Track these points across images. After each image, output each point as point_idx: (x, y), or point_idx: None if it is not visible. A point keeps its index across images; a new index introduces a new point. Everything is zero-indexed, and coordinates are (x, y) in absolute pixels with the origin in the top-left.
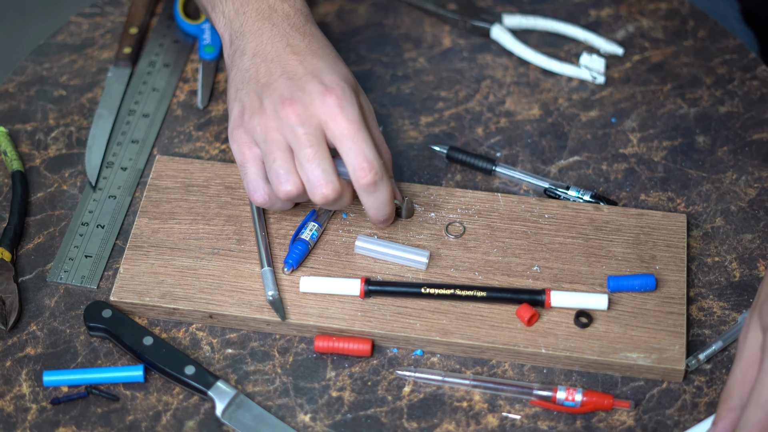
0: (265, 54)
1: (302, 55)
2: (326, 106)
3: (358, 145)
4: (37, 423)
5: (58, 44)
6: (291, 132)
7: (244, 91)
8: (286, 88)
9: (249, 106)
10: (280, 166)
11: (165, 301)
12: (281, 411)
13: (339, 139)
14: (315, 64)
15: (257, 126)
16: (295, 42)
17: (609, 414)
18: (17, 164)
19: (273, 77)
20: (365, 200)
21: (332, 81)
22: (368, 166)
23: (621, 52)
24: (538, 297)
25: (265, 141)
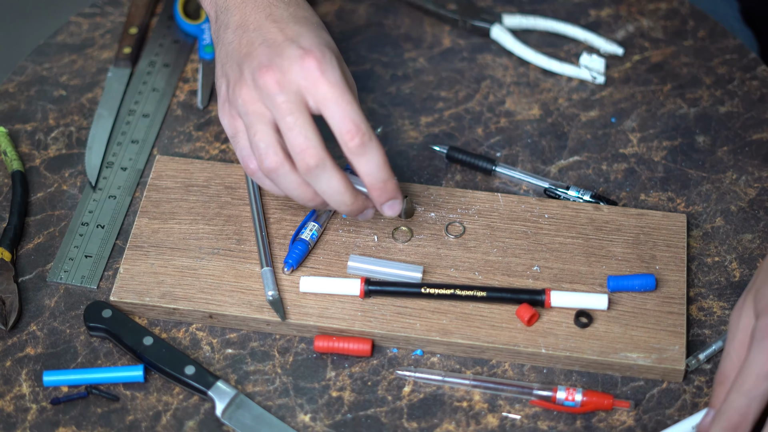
0: (247, 25)
1: (283, 23)
2: (305, 70)
3: (342, 108)
4: (37, 423)
5: (58, 44)
6: (270, 101)
7: (228, 65)
8: (265, 56)
9: (232, 79)
10: (261, 140)
11: (165, 301)
12: (281, 411)
13: (322, 104)
14: (296, 30)
15: (239, 98)
16: (277, 11)
17: (609, 414)
18: (17, 164)
19: (253, 47)
20: (358, 166)
21: (311, 44)
22: (355, 127)
23: (621, 52)
24: (538, 297)
25: (246, 113)
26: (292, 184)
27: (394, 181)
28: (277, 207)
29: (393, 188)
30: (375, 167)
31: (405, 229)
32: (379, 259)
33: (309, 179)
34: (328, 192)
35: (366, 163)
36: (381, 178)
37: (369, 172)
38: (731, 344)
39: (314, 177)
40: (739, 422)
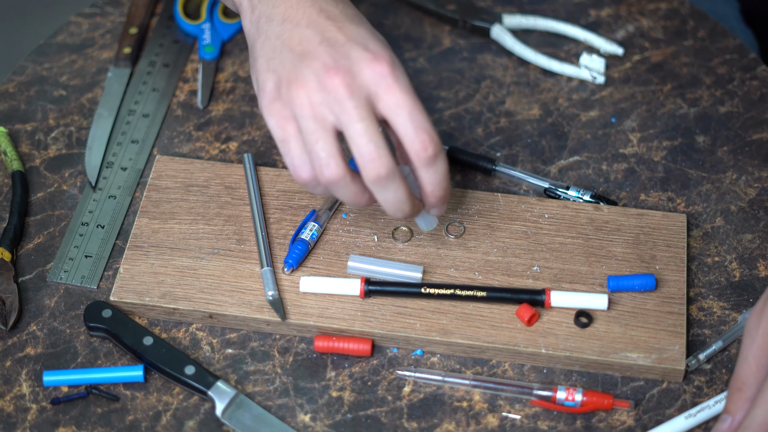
0: (296, 20)
1: (339, 21)
2: (377, 75)
3: (416, 118)
4: (37, 423)
5: (58, 44)
6: (339, 105)
7: (277, 61)
8: (329, 56)
9: (285, 77)
10: (322, 149)
11: (165, 301)
12: (281, 411)
13: (394, 111)
14: (356, 30)
15: (296, 99)
16: (328, 7)
17: (609, 414)
18: (17, 164)
19: (311, 44)
20: (425, 176)
21: (379, 48)
22: (428, 137)
23: (621, 52)
24: (538, 297)
25: (305, 116)
26: (351, 193)
27: (449, 189)
28: (277, 207)
29: (448, 194)
30: (441, 178)
31: (405, 229)
32: (379, 259)
33: (374, 188)
34: (392, 200)
35: (434, 173)
36: (444, 187)
37: (434, 182)
38: (750, 350)
39: (381, 187)
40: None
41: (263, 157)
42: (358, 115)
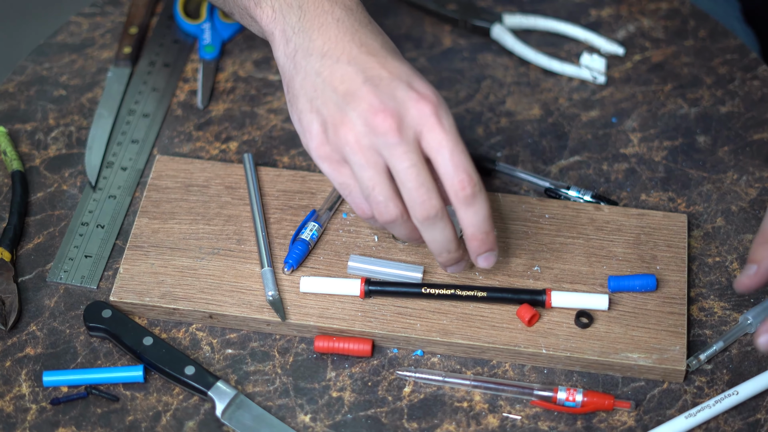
0: (337, 55)
1: (380, 56)
2: (423, 115)
3: (457, 157)
4: (36, 423)
5: (58, 44)
6: (388, 150)
7: (320, 101)
8: (375, 97)
9: (331, 120)
10: (380, 193)
11: (165, 301)
12: (281, 411)
13: (437, 150)
14: (399, 68)
15: (345, 144)
16: (368, 41)
17: (610, 414)
18: (17, 164)
19: (354, 84)
20: (465, 215)
21: (424, 87)
22: (468, 178)
23: (621, 52)
24: (539, 297)
25: (358, 163)
26: (405, 231)
27: (494, 234)
28: (277, 207)
29: (492, 241)
30: (481, 219)
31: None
32: (379, 259)
33: (423, 227)
34: (438, 240)
35: (474, 214)
36: (484, 230)
37: (474, 223)
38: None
39: (429, 226)
40: None
41: (263, 157)
42: (409, 159)
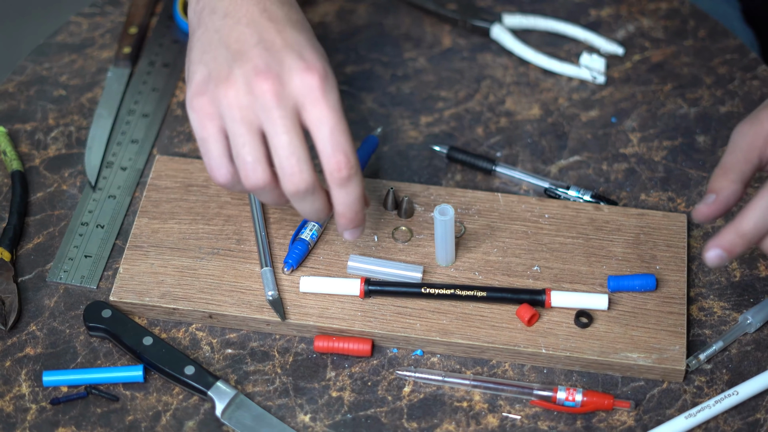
0: (238, 16)
1: (281, 24)
2: (306, 86)
3: (336, 136)
4: (36, 423)
5: (57, 44)
6: (265, 113)
7: (210, 55)
8: (262, 59)
9: (216, 74)
10: (249, 153)
11: (165, 301)
12: (281, 411)
13: (316, 126)
14: (295, 37)
15: (224, 98)
16: (272, 8)
17: (609, 414)
18: (17, 164)
19: (247, 45)
20: (336, 195)
21: (314, 59)
22: (345, 159)
23: (621, 52)
24: (539, 297)
25: (233, 119)
26: (272, 198)
27: (363, 212)
28: (277, 207)
29: (361, 218)
30: (353, 199)
31: (405, 229)
32: (379, 259)
33: (292, 199)
34: (308, 211)
35: (346, 195)
36: (355, 209)
37: (345, 202)
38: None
39: (299, 199)
40: None
41: None
42: (284, 126)
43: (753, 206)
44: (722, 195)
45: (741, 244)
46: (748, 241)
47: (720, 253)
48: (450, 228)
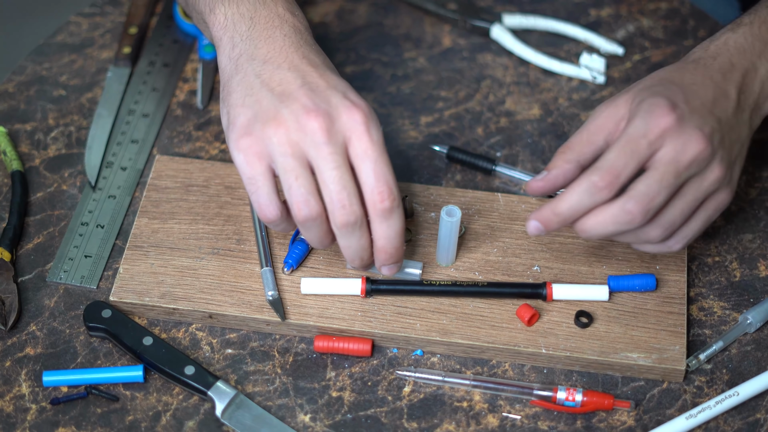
0: (278, 62)
1: (321, 69)
2: (353, 121)
3: (380, 168)
4: (36, 423)
5: (57, 44)
6: (315, 149)
7: (254, 98)
8: (309, 99)
9: (262, 114)
10: (302, 185)
11: (165, 301)
12: (281, 411)
13: (361, 158)
14: (335, 80)
15: (274, 136)
16: (310, 55)
17: (609, 414)
18: (17, 164)
19: (291, 87)
20: (378, 228)
21: (357, 98)
22: (387, 190)
23: (621, 52)
24: (540, 290)
25: (284, 155)
26: (320, 233)
27: (403, 249)
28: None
29: (400, 255)
30: (394, 233)
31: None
32: None
33: (339, 233)
34: (353, 247)
35: (387, 227)
36: (395, 245)
37: (387, 236)
38: (586, 127)
39: (346, 233)
40: (612, 182)
41: None
42: (334, 161)
43: (571, 190)
44: (552, 173)
45: (556, 222)
46: (562, 220)
47: (538, 225)
48: (455, 229)
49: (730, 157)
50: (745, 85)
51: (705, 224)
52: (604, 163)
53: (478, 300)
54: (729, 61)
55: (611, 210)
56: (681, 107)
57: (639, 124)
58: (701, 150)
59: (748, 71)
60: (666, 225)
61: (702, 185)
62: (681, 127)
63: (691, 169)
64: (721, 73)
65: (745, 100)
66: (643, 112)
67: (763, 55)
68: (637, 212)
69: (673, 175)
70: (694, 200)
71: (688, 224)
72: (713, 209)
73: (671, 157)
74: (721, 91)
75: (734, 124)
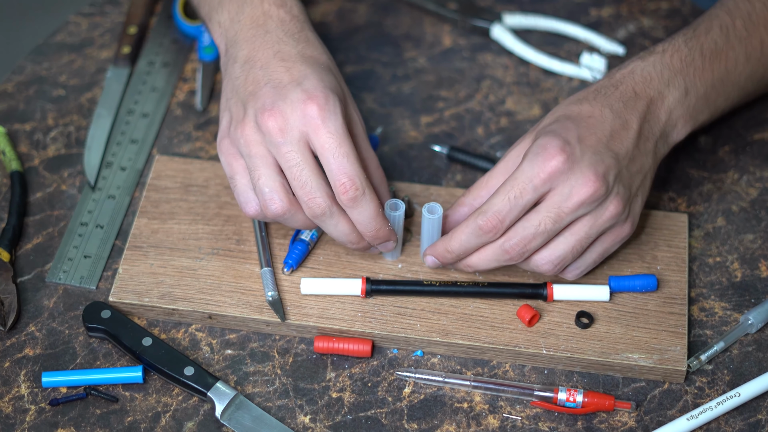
0: (254, 61)
1: (291, 61)
2: (306, 116)
3: (338, 161)
4: (35, 424)
5: (57, 44)
6: (275, 148)
7: (233, 101)
8: (269, 97)
9: (235, 116)
10: (265, 184)
11: (164, 301)
12: (281, 412)
13: (320, 153)
14: (302, 71)
15: (240, 138)
16: (285, 48)
17: (610, 415)
18: (16, 164)
19: (258, 86)
20: (352, 216)
21: (315, 87)
22: (348, 181)
23: (622, 52)
24: (541, 291)
25: (249, 155)
26: (300, 223)
27: (386, 228)
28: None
29: (385, 234)
30: (367, 218)
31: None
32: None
33: (317, 222)
34: (335, 233)
35: (358, 215)
36: (373, 228)
37: (361, 221)
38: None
39: (321, 222)
40: (496, 226)
41: None
42: (293, 159)
43: (460, 230)
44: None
45: (449, 257)
46: (455, 256)
47: (434, 260)
48: (437, 226)
49: (630, 190)
50: (650, 114)
51: (601, 257)
52: (489, 207)
53: (479, 300)
54: (632, 90)
55: (492, 249)
56: (573, 146)
57: (526, 168)
58: (592, 192)
59: (654, 100)
60: (555, 261)
61: (596, 222)
62: (570, 169)
63: (581, 210)
64: (622, 101)
65: (650, 129)
66: (532, 155)
67: (672, 83)
68: (514, 253)
69: (553, 220)
70: (586, 237)
71: (584, 257)
72: (610, 242)
73: (555, 201)
74: (620, 123)
75: (635, 155)
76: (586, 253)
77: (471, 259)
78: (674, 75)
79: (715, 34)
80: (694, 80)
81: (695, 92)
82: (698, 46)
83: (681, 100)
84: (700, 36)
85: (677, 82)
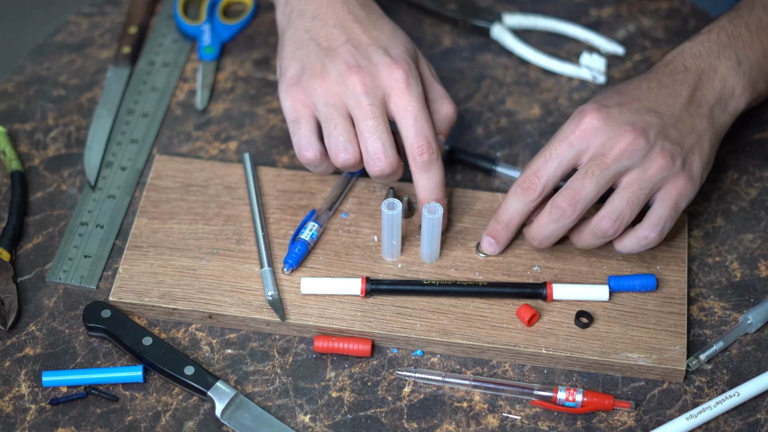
0: (326, 18)
1: (364, 24)
2: (393, 79)
3: (420, 124)
4: (36, 423)
5: (57, 44)
6: (355, 100)
7: (303, 51)
8: (351, 56)
9: (309, 68)
10: (341, 133)
11: (164, 301)
12: (281, 411)
13: (401, 115)
14: (378, 36)
15: (318, 88)
16: (355, 10)
17: (609, 414)
18: (16, 164)
19: (336, 42)
20: (419, 180)
21: (398, 55)
22: (426, 144)
23: (622, 52)
24: (540, 290)
25: (327, 105)
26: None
27: (444, 201)
28: (277, 207)
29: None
30: (434, 185)
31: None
32: None
33: (375, 180)
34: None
35: (428, 179)
36: (436, 196)
37: (427, 187)
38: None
39: (380, 181)
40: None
41: (263, 156)
42: (372, 112)
43: (505, 198)
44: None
45: (500, 229)
46: (504, 224)
47: (490, 241)
48: (437, 227)
49: (681, 146)
50: (702, 83)
51: (672, 211)
52: (527, 167)
53: (478, 300)
54: (682, 65)
55: (545, 211)
56: (610, 108)
57: (563, 128)
58: (630, 141)
59: (705, 71)
60: (613, 215)
61: (645, 175)
62: (607, 125)
63: (625, 161)
64: (671, 76)
65: (702, 97)
66: (571, 118)
67: (722, 55)
68: (565, 205)
69: (599, 168)
70: (640, 190)
71: (657, 211)
72: (675, 196)
73: (596, 152)
74: (668, 92)
75: (684, 117)
76: (658, 208)
77: (531, 230)
78: (723, 48)
79: (759, 11)
80: (745, 51)
81: (748, 61)
82: (743, 23)
83: (734, 69)
84: (744, 14)
85: (727, 53)
